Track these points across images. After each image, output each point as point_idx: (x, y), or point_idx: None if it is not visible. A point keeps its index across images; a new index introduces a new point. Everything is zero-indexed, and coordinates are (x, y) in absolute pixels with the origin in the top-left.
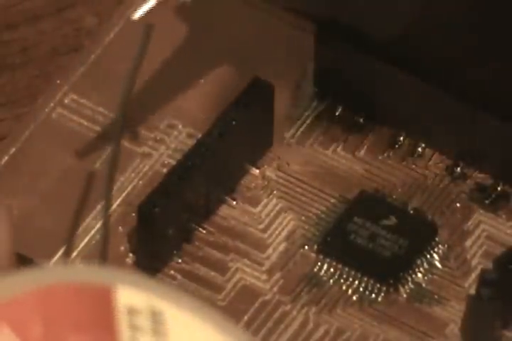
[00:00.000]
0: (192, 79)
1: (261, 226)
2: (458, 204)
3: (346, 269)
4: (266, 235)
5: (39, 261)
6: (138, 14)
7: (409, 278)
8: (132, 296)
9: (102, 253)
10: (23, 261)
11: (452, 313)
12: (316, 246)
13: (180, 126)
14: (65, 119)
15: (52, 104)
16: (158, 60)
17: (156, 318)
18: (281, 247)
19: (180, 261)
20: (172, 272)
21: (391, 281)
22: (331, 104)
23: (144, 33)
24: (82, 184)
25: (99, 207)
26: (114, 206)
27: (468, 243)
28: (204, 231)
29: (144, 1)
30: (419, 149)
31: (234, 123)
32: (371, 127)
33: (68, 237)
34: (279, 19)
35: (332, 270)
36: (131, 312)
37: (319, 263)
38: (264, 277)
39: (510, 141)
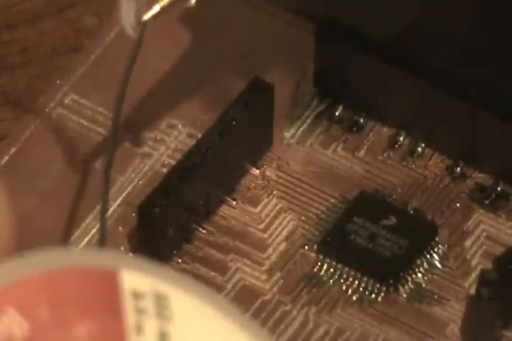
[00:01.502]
0: (192, 80)
1: (261, 226)
2: (458, 204)
3: (346, 269)
4: (266, 235)
5: None
6: (148, 15)
7: (409, 278)
8: (137, 280)
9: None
10: None
11: (452, 313)
12: (316, 246)
13: (180, 126)
14: (65, 119)
15: (52, 104)
16: (159, 60)
17: (161, 302)
18: (281, 247)
19: (180, 261)
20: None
21: (391, 281)
22: (331, 104)
23: (137, 34)
24: (82, 184)
25: (99, 207)
26: (114, 206)
27: (468, 243)
28: (204, 231)
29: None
30: (419, 149)
31: (234, 123)
32: (371, 127)
33: (68, 237)
34: (279, 19)
35: (332, 270)
36: (136, 295)
37: (319, 263)
38: (264, 277)
39: (510, 141)
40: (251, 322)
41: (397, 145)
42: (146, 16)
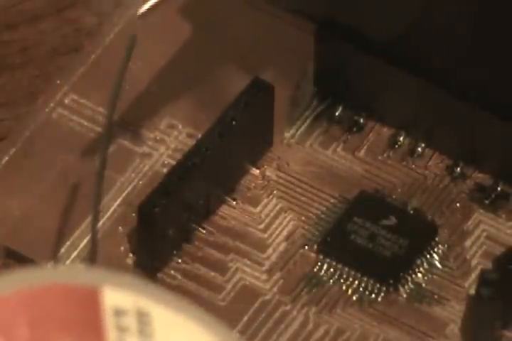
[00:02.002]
0: (192, 80)
1: (261, 226)
2: (458, 204)
3: (346, 269)
4: (266, 235)
5: (39, 261)
6: (142, 10)
7: (409, 278)
8: (119, 297)
9: (91, 257)
10: (23, 261)
11: (452, 313)
12: (316, 246)
13: (180, 126)
14: (65, 119)
15: (52, 104)
16: (159, 60)
17: (143, 319)
18: (281, 247)
19: (180, 261)
20: (172, 272)
21: (391, 281)
22: (331, 104)
23: (128, 45)
24: (82, 184)
25: (98, 207)
26: (114, 206)
27: (468, 243)
28: (204, 231)
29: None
30: (419, 149)
31: (234, 123)
32: (371, 127)
33: (68, 237)
34: (279, 19)
35: (332, 270)
36: (118, 313)
37: (319, 263)
38: (264, 277)
39: (510, 141)
40: (234, 337)
41: (397, 146)
42: (142, 10)
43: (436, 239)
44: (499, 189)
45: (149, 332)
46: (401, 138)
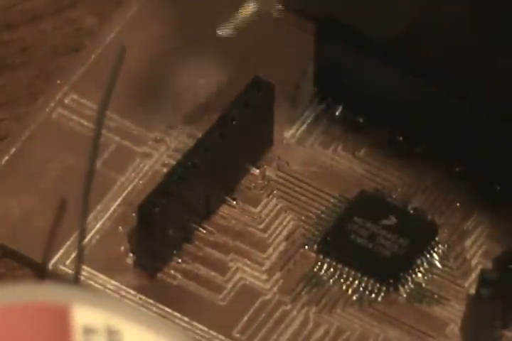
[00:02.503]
0: (192, 79)
1: (261, 226)
2: (458, 204)
3: (346, 269)
4: (266, 235)
5: (39, 261)
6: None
7: (409, 278)
8: (89, 315)
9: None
10: (23, 260)
11: (452, 313)
12: (316, 246)
13: (180, 126)
14: (65, 119)
15: (52, 104)
16: (159, 60)
17: (113, 337)
18: (281, 247)
19: (180, 261)
20: (172, 272)
21: (391, 281)
22: (331, 104)
23: (117, 56)
24: (82, 184)
25: (99, 207)
26: (114, 206)
27: (468, 243)
28: (204, 231)
29: None
30: (419, 149)
31: (234, 123)
32: (371, 127)
33: (68, 237)
34: (279, 19)
35: (332, 270)
36: (88, 331)
37: (319, 263)
38: (264, 277)
39: (510, 141)
40: None
41: (397, 146)
42: (241, 18)
43: (436, 238)
44: (499, 189)
45: None
46: (401, 138)
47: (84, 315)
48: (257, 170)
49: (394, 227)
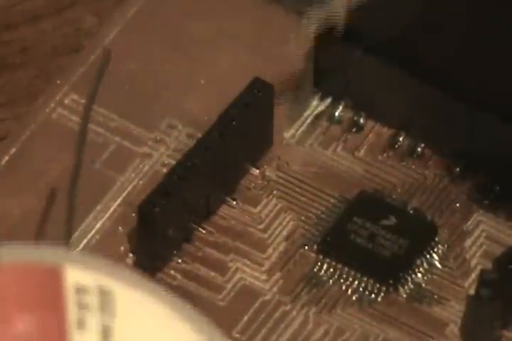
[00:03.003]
0: (192, 79)
1: (261, 226)
2: (458, 204)
3: (346, 269)
4: (266, 235)
5: None
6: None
7: (409, 278)
8: (81, 275)
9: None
10: None
11: (452, 313)
12: (316, 246)
13: (180, 126)
14: (65, 119)
15: (52, 104)
16: (159, 60)
17: (105, 297)
18: (281, 247)
19: (180, 261)
20: (172, 272)
21: (391, 281)
22: (331, 104)
23: (102, 59)
24: (82, 184)
25: (99, 207)
26: (114, 206)
27: (467, 243)
28: (204, 231)
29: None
30: (419, 149)
31: (234, 123)
32: (371, 127)
33: (68, 237)
34: (279, 19)
35: (332, 270)
36: (80, 291)
37: (319, 263)
38: (264, 277)
39: (510, 141)
40: (196, 315)
41: (397, 146)
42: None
43: (436, 239)
44: (498, 189)
45: (111, 310)
46: (401, 139)
47: (76, 275)
48: (257, 171)
49: (394, 227)
